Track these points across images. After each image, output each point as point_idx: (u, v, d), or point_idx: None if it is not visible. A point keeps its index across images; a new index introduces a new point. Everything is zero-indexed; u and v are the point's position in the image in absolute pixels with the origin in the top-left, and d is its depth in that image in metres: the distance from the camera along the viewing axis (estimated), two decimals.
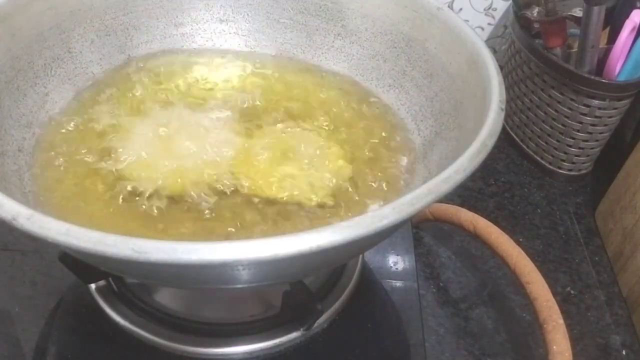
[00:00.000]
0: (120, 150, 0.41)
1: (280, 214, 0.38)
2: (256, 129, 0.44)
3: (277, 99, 0.47)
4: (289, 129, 0.44)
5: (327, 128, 0.45)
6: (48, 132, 0.42)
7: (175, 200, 0.38)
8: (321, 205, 0.39)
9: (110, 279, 0.45)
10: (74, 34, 0.45)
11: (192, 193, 0.38)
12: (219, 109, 0.45)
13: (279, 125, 0.44)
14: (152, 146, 0.41)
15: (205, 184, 0.39)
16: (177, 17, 0.49)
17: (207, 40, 0.51)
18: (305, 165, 0.41)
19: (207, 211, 0.37)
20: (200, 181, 0.39)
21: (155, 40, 0.49)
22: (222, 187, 0.39)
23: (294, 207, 0.38)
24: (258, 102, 0.46)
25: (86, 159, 0.40)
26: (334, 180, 0.40)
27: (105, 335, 0.43)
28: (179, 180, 0.39)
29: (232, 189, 0.39)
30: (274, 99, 0.47)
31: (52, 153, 0.41)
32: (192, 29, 0.50)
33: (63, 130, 0.42)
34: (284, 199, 0.39)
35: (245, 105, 0.46)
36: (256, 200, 0.38)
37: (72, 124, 0.43)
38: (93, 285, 0.45)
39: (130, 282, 0.45)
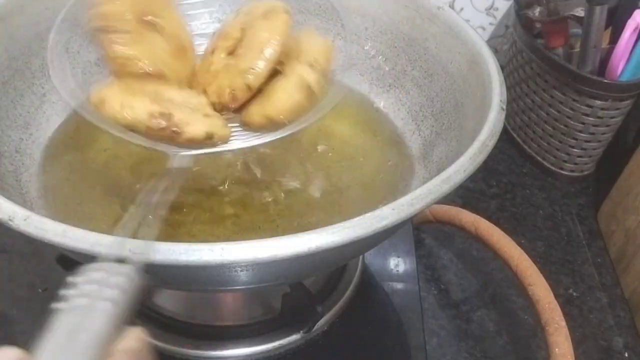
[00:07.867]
0: None
1: None
2: None
3: None
4: None
5: None
6: (46, 133, 0.42)
7: None
8: None
9: None
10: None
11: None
12: None
13: None
14: None
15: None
16: None
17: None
18: None
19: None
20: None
21: None
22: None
23: None
24: None
25: (86, 160, 0.40)
26: None
27: None
28: None
29: None
30: None
31: (50, 154, 0.40)
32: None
33: (61, 131, 0.42)
34: None
35: None
36: None
37: (70, 125, 0.43)
38: None
39: None
